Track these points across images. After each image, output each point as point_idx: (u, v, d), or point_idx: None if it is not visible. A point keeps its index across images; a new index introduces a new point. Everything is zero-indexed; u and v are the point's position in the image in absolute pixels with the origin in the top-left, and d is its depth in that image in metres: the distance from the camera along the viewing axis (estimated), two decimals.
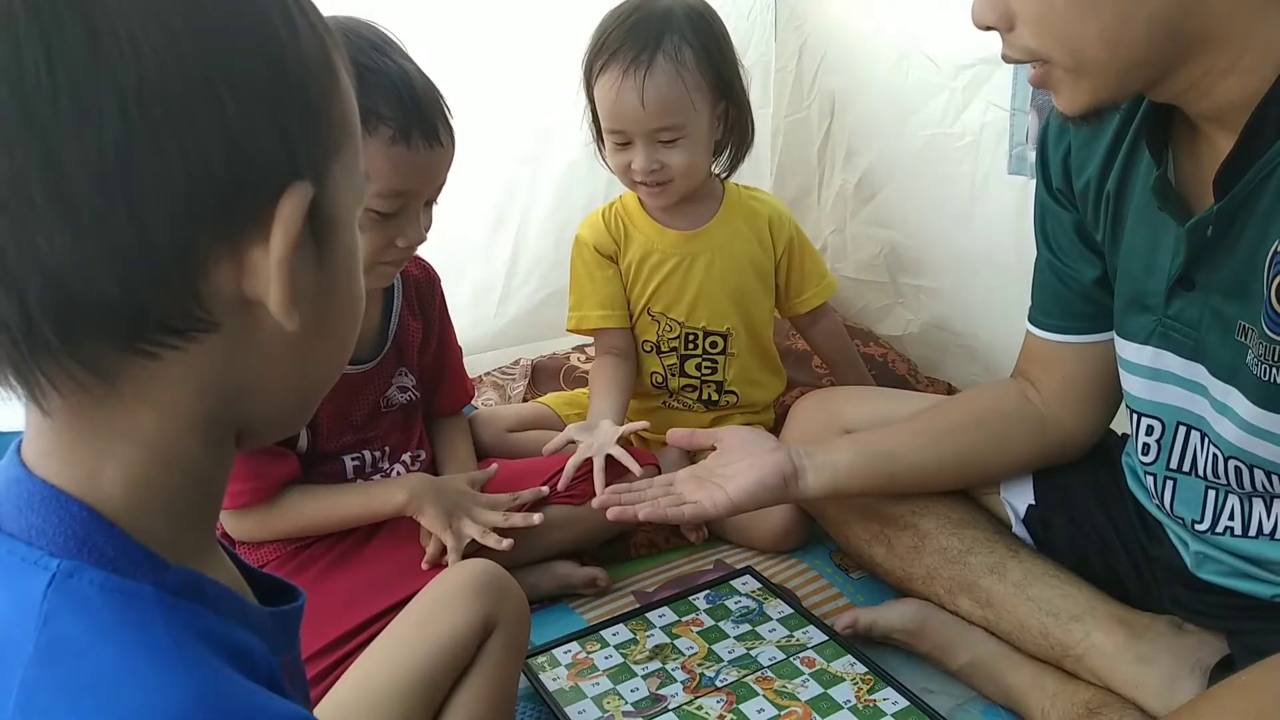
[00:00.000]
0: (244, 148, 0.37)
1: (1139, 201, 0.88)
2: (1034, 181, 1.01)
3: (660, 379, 1.44)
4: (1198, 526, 0.92)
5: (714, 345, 1.42)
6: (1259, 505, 0.87)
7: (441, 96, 1.05)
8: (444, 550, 1.11)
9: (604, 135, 1.32)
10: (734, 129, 1.34)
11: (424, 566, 1.12)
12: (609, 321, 1.39)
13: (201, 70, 0.36)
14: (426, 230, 1.07)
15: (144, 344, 0.38)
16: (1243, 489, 0.87)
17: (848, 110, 1.79)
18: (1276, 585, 0.88)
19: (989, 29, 0.78)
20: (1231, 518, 0.89)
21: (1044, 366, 1.06)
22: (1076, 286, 1.00)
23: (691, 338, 1.41)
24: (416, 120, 0.99)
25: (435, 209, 1.09)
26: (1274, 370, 0.77)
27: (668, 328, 1.41)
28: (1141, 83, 0.77)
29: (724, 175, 1.41)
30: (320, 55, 0.40)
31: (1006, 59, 0.79)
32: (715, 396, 1.45)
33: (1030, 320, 1.07)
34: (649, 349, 1.43)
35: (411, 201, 1.02)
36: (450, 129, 1.05)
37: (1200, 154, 0.81)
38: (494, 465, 1.25)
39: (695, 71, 1.24)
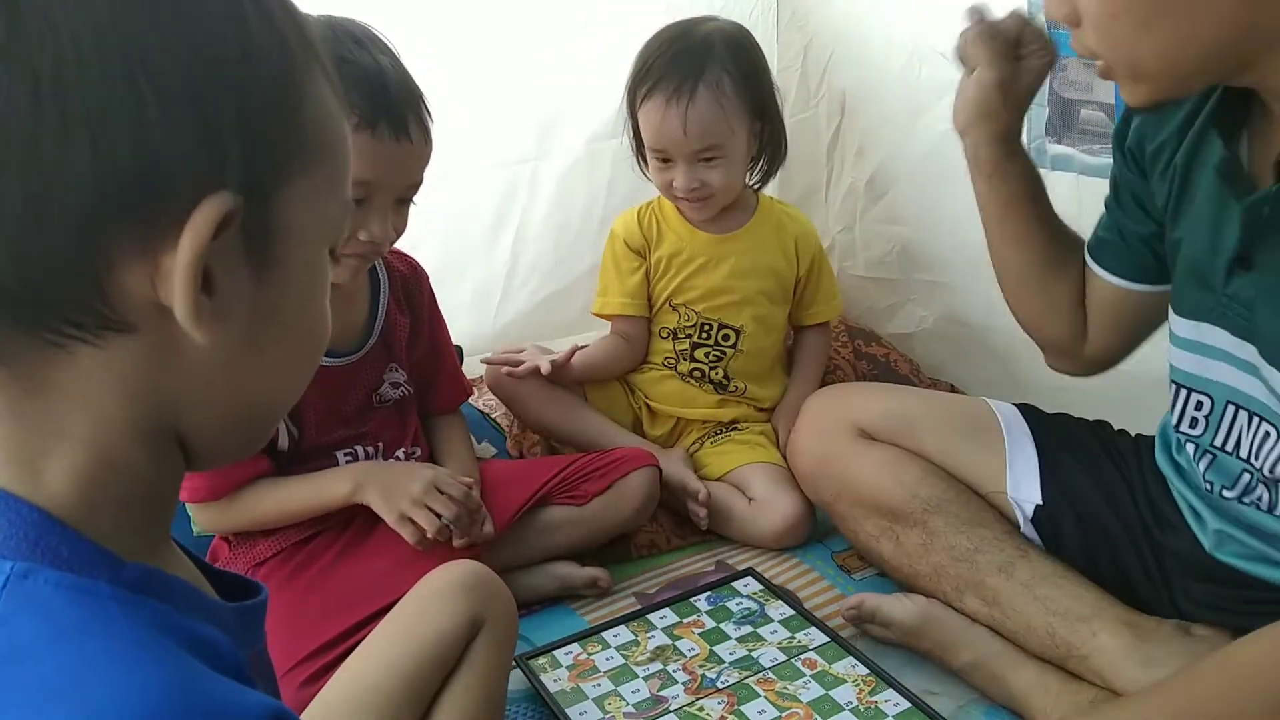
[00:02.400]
0: (159, 148, 0.35)
1: (1209, 178, 0.87)
2: (1052, 173, 1.00)
3: (671, 362, 1.50)
4: (1226, 493, 0.92)
5: (725, 338, 1.48)
6: None
7: (421, 95, 1.05)
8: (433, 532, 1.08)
9: (647, 153, 1.41)
10: (769, 144, 1.44)
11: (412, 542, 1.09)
12: (628, 309, 1.48)
13: (123, 63, 0.34)
14: (398, 231, 1.06)
15: (47, 332, 0.37)
16: (1274, 477, 0.88)
17: (858, 108, 1.78)
18: None
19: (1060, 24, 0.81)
20: (1260, 499, 0.90)
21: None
22: (1131, 237, 1.01)
23: (706, 327, 1.48)
24: (384, 110, 0.99)
25: (415, 210, 1.08)
26: None
27: (686, 317, 1.48)
28: (1204, 85, 0.79)
29: (757, 186, 1.50)
30: (280, 73, 0.39)
31: (1076, 51, 0.82)
32: (724, 381, 1.50)
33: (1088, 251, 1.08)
34: (665, 335, 1.50)
35: (377, 194, 1.02)
36: (424, 126, 1.04)
37: (1272, 136, 0.82)
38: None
39: (734, 98, 1.34)
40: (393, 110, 1.00)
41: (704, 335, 1.48)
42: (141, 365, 0.39)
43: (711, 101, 1.32)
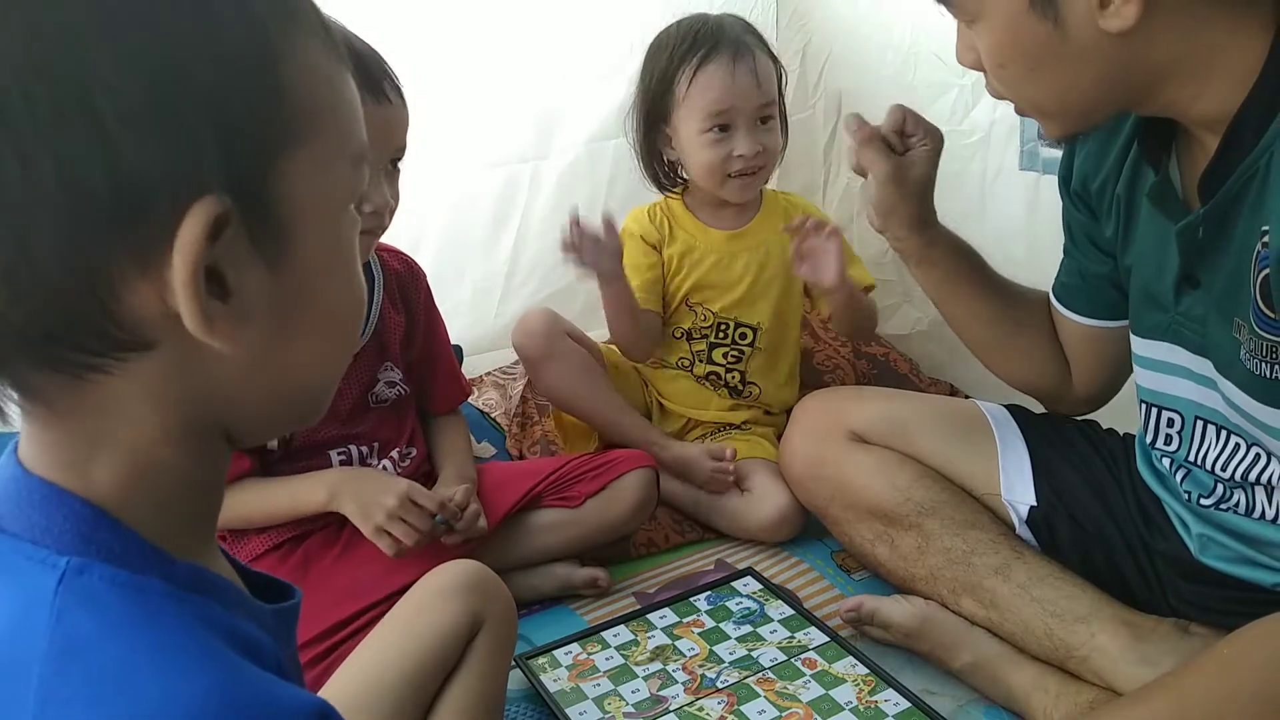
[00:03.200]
0: (130, 167, 0.34)
1: (1147, 203, 0.90)
2: (1045, 177, 1.02)
3: (687, 363, 1.51)
4: (1204, 500, 0.94)
5: (743, 337, 1.49)
6: (1261, 494, 0.89)
7: (385, 61, 1.05)
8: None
9: (704, 128, 1.38)
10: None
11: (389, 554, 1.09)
12: (645, 304, 1.48)
13: (75, 89, 0.33)
14: (394, 200, 1.06)
15: (68, 366, 0.37)
16: (1247, 482, 0.89)
17: (855, 108, 1.75)
18: (1278, 572, 0.89)
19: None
20: (1237, 504, 0.92)
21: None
22: (1092, 279, 1.03)
23: (723, 327, 1.49)
24: (360, 75, 0.99)
25: (417, 191, 1.09)
26: (1263, 364, 0.79)
27: (703, 317, 1.49)
28: (1110, 114, 0.82)
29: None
30: (255, 60, 0.37)
31: (989, 93, 0.86)
32: (739, 386, 1.50)
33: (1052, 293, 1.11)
34: (680, 335, 1.50)
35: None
36: (398, 89, 1.05)
37: (1195, 157, 0.84)
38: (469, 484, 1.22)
39: (771, 65, 1.42)
40: (367, 74, 1.00)
41: (721, 335, 1.48)
42: (172, 377, 0.38)
43: (766, 60, 1.39)
